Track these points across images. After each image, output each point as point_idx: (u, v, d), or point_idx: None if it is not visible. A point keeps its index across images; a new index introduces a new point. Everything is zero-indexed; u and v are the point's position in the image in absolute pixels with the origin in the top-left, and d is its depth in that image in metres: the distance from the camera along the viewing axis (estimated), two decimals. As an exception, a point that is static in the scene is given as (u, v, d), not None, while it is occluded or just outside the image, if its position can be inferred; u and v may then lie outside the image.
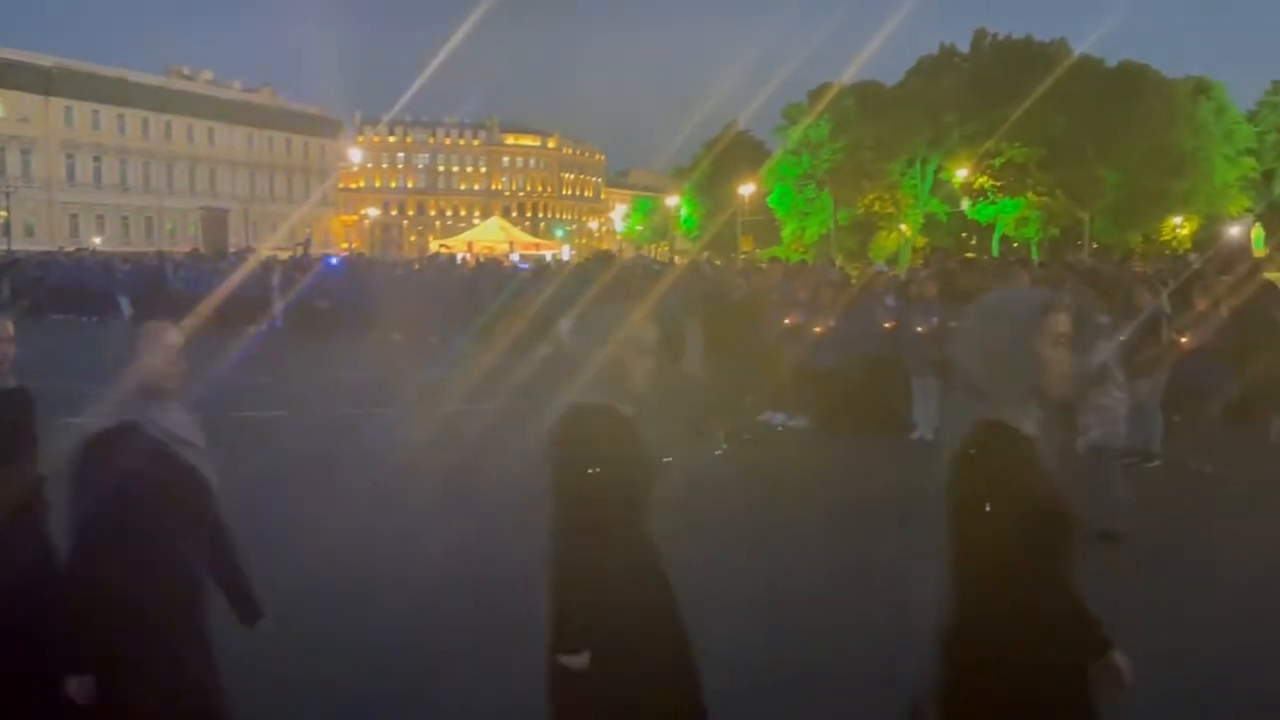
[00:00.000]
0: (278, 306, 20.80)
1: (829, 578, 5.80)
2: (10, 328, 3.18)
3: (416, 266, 26.63)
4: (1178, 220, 56.22)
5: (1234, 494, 7.78)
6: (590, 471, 2.62)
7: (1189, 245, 48.95)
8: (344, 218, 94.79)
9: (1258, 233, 40.19)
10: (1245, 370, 8.76)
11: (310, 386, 13.27)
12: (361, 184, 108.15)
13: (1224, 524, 6.99)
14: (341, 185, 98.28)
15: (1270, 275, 14.81)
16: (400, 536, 6.41)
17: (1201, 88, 56.07)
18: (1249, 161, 57.30)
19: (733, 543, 6.48)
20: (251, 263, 23.61)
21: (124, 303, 20.51)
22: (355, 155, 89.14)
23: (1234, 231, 39.64)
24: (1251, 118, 60.02)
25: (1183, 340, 8.17)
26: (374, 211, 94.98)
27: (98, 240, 60.80)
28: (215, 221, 77.01)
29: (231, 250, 43.74)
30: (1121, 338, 8.61)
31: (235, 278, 20.51)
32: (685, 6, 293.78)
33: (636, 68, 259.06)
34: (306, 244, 44.30)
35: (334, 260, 26.39)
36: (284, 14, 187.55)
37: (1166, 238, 55.70)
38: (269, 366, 14.50)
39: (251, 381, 12.36)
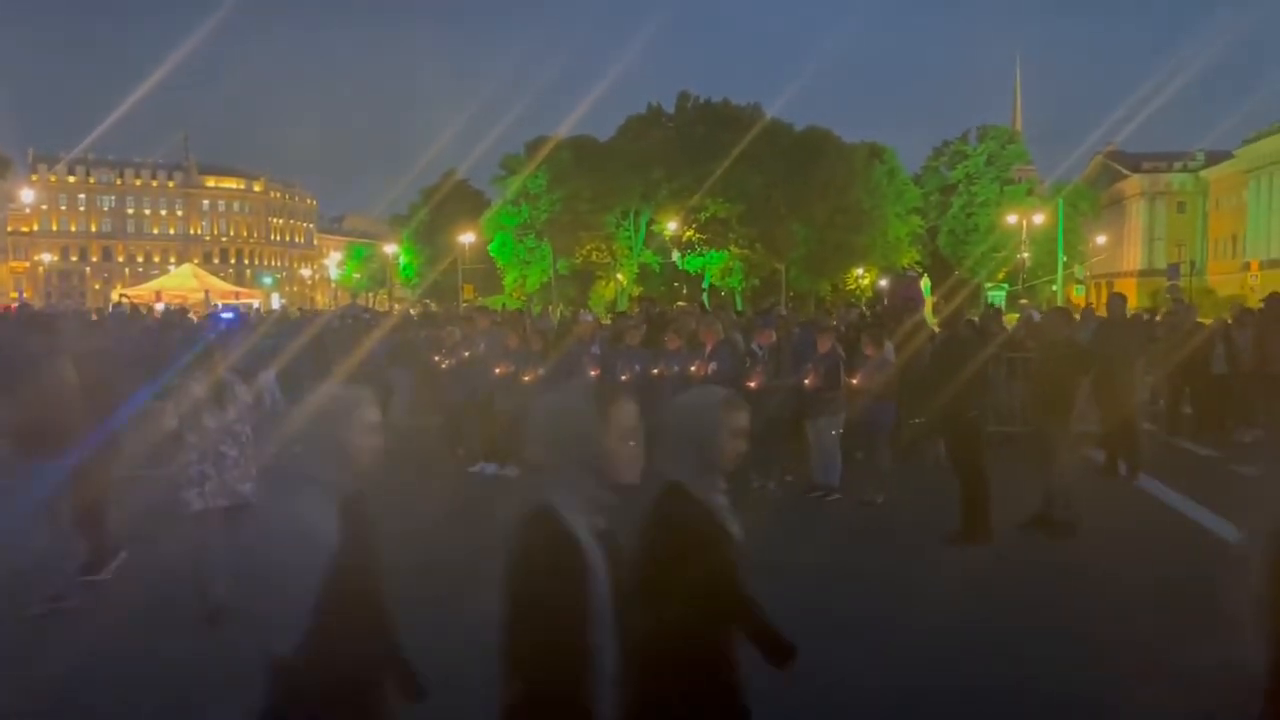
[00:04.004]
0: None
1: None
2: None
3: (95, 318, 24.05)
4: (860, 271, 62.13)
5: (900, 519, 8.57)
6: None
7: (870, 294, 54.13)
8: (14, 264, 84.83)
9: (926, 284, 45.22)
10: (915, 408, 9.69)
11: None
12: (35, 227, 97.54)
13: (896, 547, 7.67)
14: (11, 229, 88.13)
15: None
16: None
17: (875, 152, 62.50)
18: (916, 219, 64.54)
19: (446, 584, 6.33)
20: None
21: None
22: (27, 196, 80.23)
23: (882, 284, 44.80)
24: (917, 180, 67.84)
25: (854, 383, 8.88)
26: (49, 257, 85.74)
27: None
28: None
29: None
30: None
31: None
32: (398, 53, 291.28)
33: (350, 113, 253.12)
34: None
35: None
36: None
37: (851, 287, 61.32)
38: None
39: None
